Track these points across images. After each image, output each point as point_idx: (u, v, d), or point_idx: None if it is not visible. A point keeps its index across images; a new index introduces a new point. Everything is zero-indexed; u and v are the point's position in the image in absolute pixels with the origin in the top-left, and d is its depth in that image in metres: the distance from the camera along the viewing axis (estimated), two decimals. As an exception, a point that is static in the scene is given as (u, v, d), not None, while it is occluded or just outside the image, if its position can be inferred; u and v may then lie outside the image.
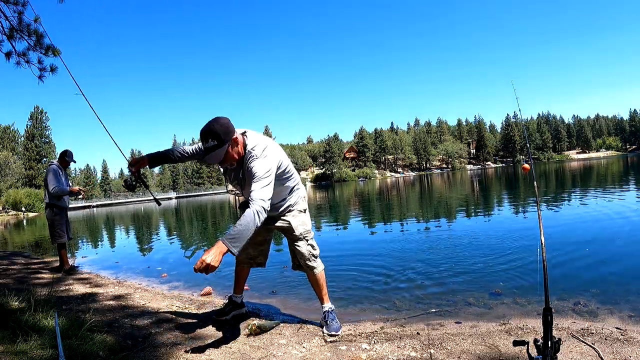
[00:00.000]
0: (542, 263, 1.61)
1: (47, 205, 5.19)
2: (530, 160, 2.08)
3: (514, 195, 14.52)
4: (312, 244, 2.65)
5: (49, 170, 5.11)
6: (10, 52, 6.07)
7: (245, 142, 2.32)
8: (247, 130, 2.38)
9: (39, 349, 2.00)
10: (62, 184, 5.15)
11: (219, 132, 2.17)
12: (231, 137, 2.23)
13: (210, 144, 2.18)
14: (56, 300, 3.36)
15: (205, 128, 2.20)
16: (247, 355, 2.18)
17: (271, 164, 2.26)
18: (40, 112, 64.37)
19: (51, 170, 5.09)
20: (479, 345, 2.21)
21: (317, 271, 2.64)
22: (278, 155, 2.36)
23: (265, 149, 2.30)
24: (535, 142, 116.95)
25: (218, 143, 2.18)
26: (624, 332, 2.31)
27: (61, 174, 5.19)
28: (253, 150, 2.28)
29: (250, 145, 2.30)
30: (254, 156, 2.27)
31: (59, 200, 5.18)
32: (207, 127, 2.20)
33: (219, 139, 2.18)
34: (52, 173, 5.06)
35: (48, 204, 5.16)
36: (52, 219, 5.15)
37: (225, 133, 2.19)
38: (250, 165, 2.25)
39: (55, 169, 5.13)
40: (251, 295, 3.84)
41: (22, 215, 37.25)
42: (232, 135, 2.23)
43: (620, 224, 6.19)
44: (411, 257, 5.13)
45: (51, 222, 5.16)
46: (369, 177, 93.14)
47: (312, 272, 2.63)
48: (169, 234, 11.90)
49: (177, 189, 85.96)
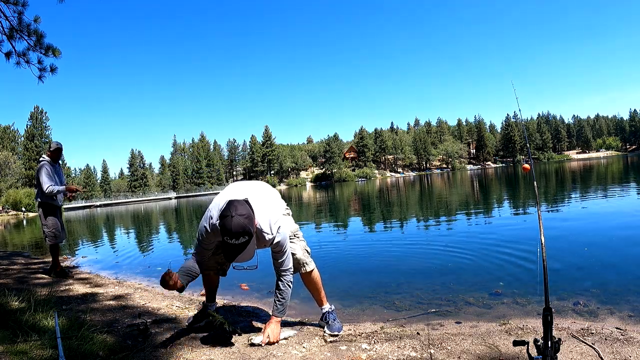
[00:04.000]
0: (542, 263, 1.61)
1: (40, 205, 4.90)
2: (530, 160, 2.07)
3: (514, 196, 14.52)
4: (304, 244, 2.64)
5: (41, 167, 4.81)
6: (10, 52, 6.08)
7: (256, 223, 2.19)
8: (247, 197, 2.22)
9: (39, 349, 2.01)
10: (57, 182, 4.89)
11: (247, 226, 2.00)
12: (254, 223, 2.09)
13: (241, 240, 1.99)
14: (56, 300, 3.36)
15: (235, 227, 1.96)
16: (247, 355, 2.18)
17: (285, 237, 2.35)
18: (40, 112, 64.45)
19: (42, 169, 4.79)
20: (479, 345, 2.21)
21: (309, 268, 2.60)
22: (282, 222, 2.35)
23: (275, 224, 2.27)
24: (535, 142, 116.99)
25: (249, 237, 2.01)
26: (624, 332, 2.31)
27: (53, 171, 4.89)
28: (263, 230, 2.23)
29: (260, 225, 2.22)
30: (268, 233, 2.24)
31: (53, 200, 4.91)
32: (235, 224, 1.96)
33: (249, 234, 2.01)
34: (43, 171, 4.77)
35: (41, 203, 4.88)
36: (46, 218, 4.88)
37: (251, 222, 2.04)
38: (269, 243, 2.28)
39: (46, 165, 4.82)
40: (251, 295, 3.85)
41: (22, 215, 37.26)
42: (254, 221, 2.10)
43: (621, 224, 6.20)
44: (411, 256, 5.13)
45: (45, 222, 4.88)
46: (369, 177, 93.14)
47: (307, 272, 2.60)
48: (169, 234, 11.91)
49: (177, 189, 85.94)
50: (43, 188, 4.73)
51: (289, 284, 2.40)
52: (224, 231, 2.00)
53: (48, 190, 4.72)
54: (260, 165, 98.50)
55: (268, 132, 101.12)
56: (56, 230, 4.90)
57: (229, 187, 2.47)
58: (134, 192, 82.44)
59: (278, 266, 2.38)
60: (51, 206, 4.91)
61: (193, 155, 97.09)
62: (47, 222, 4.89)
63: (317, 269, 2.64)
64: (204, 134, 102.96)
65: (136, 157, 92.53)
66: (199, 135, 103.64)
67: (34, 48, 6.11)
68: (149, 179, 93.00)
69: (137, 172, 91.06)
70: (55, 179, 4.86)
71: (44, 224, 4.91)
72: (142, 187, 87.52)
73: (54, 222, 4.89)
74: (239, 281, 4.19)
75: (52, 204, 4.92)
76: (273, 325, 2.37)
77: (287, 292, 2.39)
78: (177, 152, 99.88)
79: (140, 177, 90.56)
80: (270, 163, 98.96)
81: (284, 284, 2.38)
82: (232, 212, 2.01)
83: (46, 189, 4.71)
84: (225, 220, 1.99)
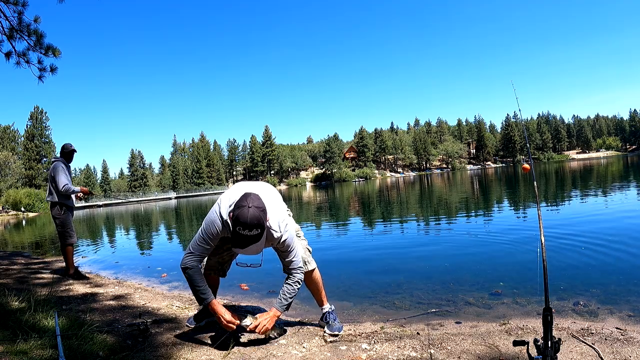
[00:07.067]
0: (542, 263, 1.61)
1: (55, 204, 4.77)
2: (530, 160, 2.07)
3: (514, 196, 14.52)
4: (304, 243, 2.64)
5: (56, 167, 4.75)
6: (10, 52, 6.09)
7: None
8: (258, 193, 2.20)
9: (39, 349, 2.00)
10: (71, 182, 4.83)
11: (262, 219, 2.01)
12: (267, 218, 2.09)
13: (254, 232, 2.00)
14: (56, 300, 3.36)
15: (250, 218, 1.97)
16: (247, 355, 2.18)
17: (292, 235, 2.34)
18: (40, 112, 64.33)
19: (59, 167, 4.74)
20: (479, 345, 2.21)
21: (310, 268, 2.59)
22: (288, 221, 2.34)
23: (282, 222, 2.26)
24: (535, 142, 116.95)
25: (262, 230, 2.02)
26: (624, 332, 2.31)
27: (67, 171, 4.85)
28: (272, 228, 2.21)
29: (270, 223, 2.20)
30: (277, 231, 2.23)
31: (68, 199, 4.85)
32: (251, 215, 1.97)
33: (262, 227, 2.02)
34: (60, 170, 4.72)
35: (56, 202, 4.77)
36: (62, 218, 4.78)
37: (265, 216, 2.05)
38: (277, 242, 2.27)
39: (62, 165, 4.79)
40: (251, 295, 3.85)
41: (22, 215, 37.23)
42: (267, 215, 2.10)
43: (621, 224, 6.19)
44: (411, 256, 5.13)
45: (62, 222, 4.78)
46: (369, 177, 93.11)
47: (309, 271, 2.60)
48: (169, 234, 11.91)
49: (177, 188, 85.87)
50: (59, 186, 4.64)
51: (298, 282, 2.37)
52: (237, 222, 1.99)
53: (64, 189, 4.65)
54: (260, 165, 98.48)
55: (268, 132, 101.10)
56: (71, 230, 4.81)
57: (236, 185, 2.43)
58: (134, 192, 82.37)
59: (287, 265, 2.37)
60: (65, 206, 4.83)
61: (193, 155, 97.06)
62: (61, 221, 4.79)
63: (318, 269, 2.64)
64: (204, 134, 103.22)
65: (136, 157, 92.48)
66: (199, 135, 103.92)
67: (34, 48, 6.11)
68: (149, 179, 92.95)
69: (137, 172, 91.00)
70: (69, 179, 4.81)
71: (59, 224, 4.80)
72: (142, 187, 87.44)
73: (69, 222, 4.81)
74: (239, 281, 4.19)
75: (65, 204, 4.83)
76: (270, 315, 2.32)
77: (294, 290, 2.35)
78: (177, 152, 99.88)
79: (140, 177, 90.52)
80: (270, 163, 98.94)
81: (295, 280, 2.35)
82: (248, 202, 2.02)
83: (62, 188, 4.63)
84: (242, 210, 1.99)
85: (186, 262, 2.29)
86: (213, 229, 2.23)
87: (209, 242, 2.27)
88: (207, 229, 2.25)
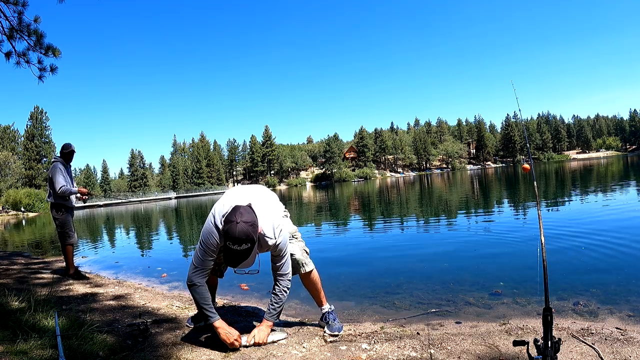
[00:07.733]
0: (542, 263, 1.61)
1: (54, 205, 4.81)
2: (530, 160, 2.07)
3: (514, 196, 14.52)
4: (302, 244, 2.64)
5: (54, 167, 4.76)
6: (10, 52, 6.08)
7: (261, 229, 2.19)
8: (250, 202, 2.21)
9: (39, 349, 2.00)
10: (69, 183, 4.84)
11: (251, 233, 2.00)
12: (258, 230, 2.08)
13: (243, 247, 2.00)
14: (56, 300, 3.36)
15: (239, 233, 1.97)
16: (247, 355, 2.18)
17: (286, 241, 2.33)
18: (40, 112, 64.33)
19: (57, 168, 4.75)
20: (479, 345, 2.21)
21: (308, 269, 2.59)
22: (283, 226, 2.34)
23: (277, 228, 2.26)
24: (535, 142, 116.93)
25: (252, 245, 2.02)
26: (624, 332, 2.31)
27: (66, 172, 4.85)
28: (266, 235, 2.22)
29: (264, 230, 2.20)
30: (271, 238, 2.23)
31: (66, 200, 4.85)
32: (240, 231, 1.97)
33: (252, 241, 2.02)
34: (58, 171, 4.72)
35: (54, 203, 4.81)
36: (61, 219, 4.80)
37: (255, 230, 2.04)
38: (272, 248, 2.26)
39: (60, 166, 4.79)
40: (250, 295, 3.85)
41: (22, 215, 37.23)
42: (258, 228, 2.09)
43: (621, 224, 6.19)
44: (411, 256, 5.13)
45: (61, 223, 4.80)
46: (369, 177, 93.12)
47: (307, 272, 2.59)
48: (168, 234, 11.91)
49: (177, 188, 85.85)
50: (56, 188, 4.65)
51: (285, 289, 2.37)
52: (227, 237, 2.01)
53: (61, 191, 4.64)
54: (260, 165, 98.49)
55: (268, 132, 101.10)
56: (70, 230, 4.82)
57: (229, 192, 2.42)
58: (134, 192, 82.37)
59: (276, 270, 2.38)
60: (64, 207, 4.83)
61: (193, 155, 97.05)
62: (61, 222, 4.80)
63: (316, 270, 2.63)
64: (204, 134, 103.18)
65: (136, 157, 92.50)
66: (199, 135, 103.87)
67: (34, 48, 6.11)
68: (149, 179, 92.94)
69: (137, 172, 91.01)
70: (67, 180, 4.80)
71: (58, 225, 4.81)
72: (142, 187, 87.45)
73: (68, 222, 4.82)
74: (239, 281, 4.19)
75: (64, 205, 4.83)
76: (263, 327, 2.36)
77: (282, 297, 2.37)
78: (177, 152, 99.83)
79: (140, 177, 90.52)
80: (270, 163, 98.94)
81: (280, 289, 2.36)
82: (237, 218, 2.01)
83: (59, 189, 4.64)
84: (230, 226, 2.00)
85: (192, 279, 2.29)
86: (212, 240, 2.24)
87: (211, 254, 2.27)
88: (207, 241, 2.25)
